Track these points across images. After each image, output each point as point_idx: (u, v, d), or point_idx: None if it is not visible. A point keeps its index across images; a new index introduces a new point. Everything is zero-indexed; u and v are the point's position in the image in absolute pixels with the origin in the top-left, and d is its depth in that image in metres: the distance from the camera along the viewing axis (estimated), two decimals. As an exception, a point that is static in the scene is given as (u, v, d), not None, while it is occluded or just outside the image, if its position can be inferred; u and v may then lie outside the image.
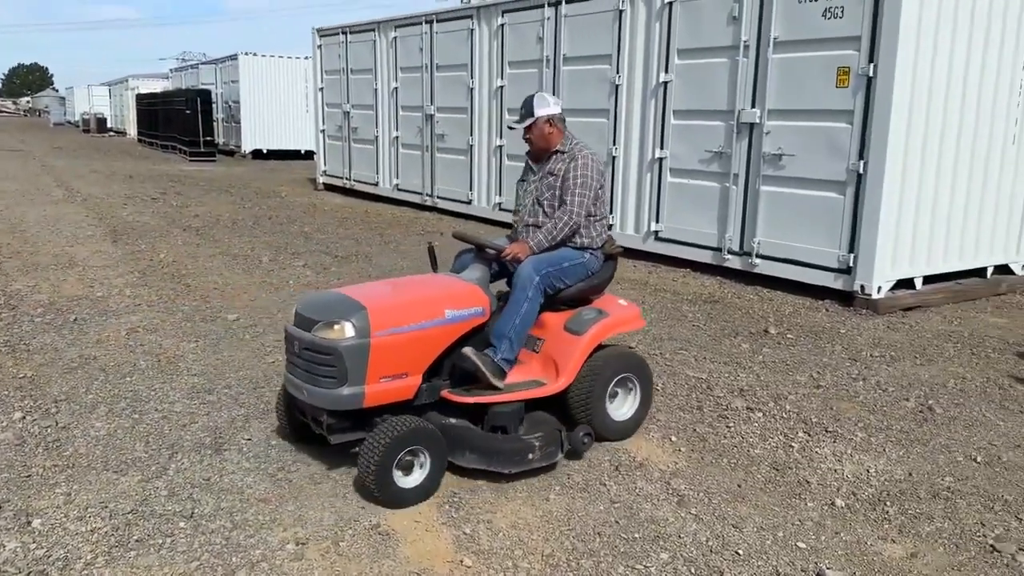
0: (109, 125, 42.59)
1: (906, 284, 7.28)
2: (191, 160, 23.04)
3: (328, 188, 16.37)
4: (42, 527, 3.24)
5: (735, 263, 8.13)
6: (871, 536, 3.34)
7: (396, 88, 13.68)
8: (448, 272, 4.26)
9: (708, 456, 4.09)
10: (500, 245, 4.20)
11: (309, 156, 20.99)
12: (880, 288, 6.97)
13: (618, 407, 4.20)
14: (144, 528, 3.25)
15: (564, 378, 3.96)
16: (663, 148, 8.79)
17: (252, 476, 3.72)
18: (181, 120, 24.18)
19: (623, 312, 4.26)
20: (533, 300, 3.97)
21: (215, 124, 25.68)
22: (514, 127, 4.35)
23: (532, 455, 3.68)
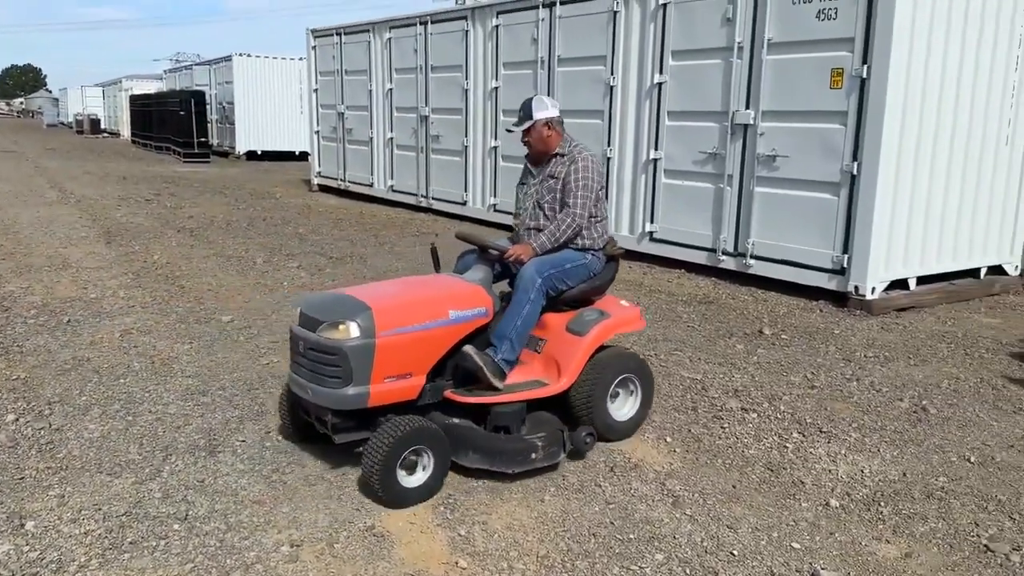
0: (103, 126, 42.52)
1: (900, 285, 7.30)
2: (185, 161, 22.98)
3: (323, 189, 16.36)
4: (35, 529, 3.23)
5: (729, 264, 8.15)
6: (865, 536, 3.35)
7: (391, 89, 13.67)
8: (451, 273, 4.27)
9: (703, 457, 4.10)
10: (503, 246, 4.21)
11: (303, 157, 20.95)
12: (874, 289, 7.00)
13: (619, 408, 4.22)
14: (138, 530, 3.24)
15: (566, 379, 3.98)
16: (657, 149, 8.81)
17: (246, 478, 3.72)
18: (175, 121, 24.12)
19: (624, 313, 4.28)
20: (535, 302, 3.98)
21: (209, 125, 25.61)
22: (512, 130, 4.35)
23: (535, 455, 3.69)
